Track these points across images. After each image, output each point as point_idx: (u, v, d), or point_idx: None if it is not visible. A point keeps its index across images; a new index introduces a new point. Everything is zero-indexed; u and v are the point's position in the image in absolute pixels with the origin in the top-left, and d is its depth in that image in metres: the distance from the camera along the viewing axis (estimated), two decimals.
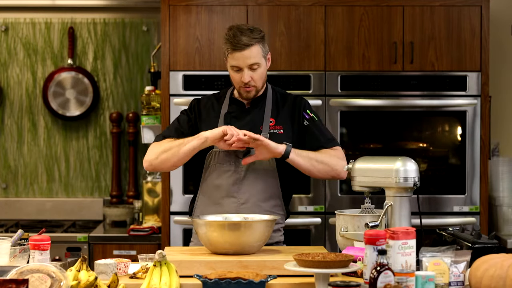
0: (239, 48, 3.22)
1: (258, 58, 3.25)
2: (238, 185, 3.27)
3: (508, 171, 4.65)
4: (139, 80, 5.26)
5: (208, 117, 3.36)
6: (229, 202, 3.27)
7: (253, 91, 3.31)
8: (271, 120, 3.33)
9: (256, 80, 3.28)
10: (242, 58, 3.23)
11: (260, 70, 3.28)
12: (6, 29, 5.25)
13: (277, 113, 3.36)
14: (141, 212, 4.90)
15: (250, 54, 3.23)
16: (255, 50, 3.24)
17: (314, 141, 3.33)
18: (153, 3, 5.08)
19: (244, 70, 3.25)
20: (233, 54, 3.24)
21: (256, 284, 2.52)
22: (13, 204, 5.24)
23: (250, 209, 3.23)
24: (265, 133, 3.29)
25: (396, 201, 2.93)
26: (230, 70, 3.30)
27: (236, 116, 3.35)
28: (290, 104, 3.39)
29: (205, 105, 3.42)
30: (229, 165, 3.28)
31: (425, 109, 4.50)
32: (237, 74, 3.28)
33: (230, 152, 3.27)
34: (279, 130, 3.32)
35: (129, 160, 5.19)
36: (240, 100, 3.38)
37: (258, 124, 3.32)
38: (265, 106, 3.36)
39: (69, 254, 4.53)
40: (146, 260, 2.82)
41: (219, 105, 3.39)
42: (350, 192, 3.80)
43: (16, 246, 2.86)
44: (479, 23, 4.48)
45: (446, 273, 2.55)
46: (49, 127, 5.27)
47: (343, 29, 4.47)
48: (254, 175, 3.27)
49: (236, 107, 3.38)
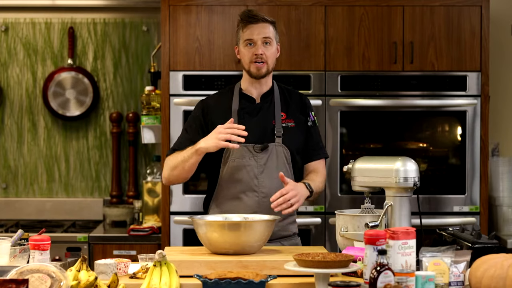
0: (254, 21, 3.33)
1: (271, 35, 3.35)
2: (257, 179, 3.33)
3: (508, 171, 4.65)
4: (139, 80, 5.26)
5: (220, 113, 3.38)
6: (250, 196, 3.32)
7: (264, 68, 3.35)
8: (282, 114, 3.40)
9: (268, 56, 3.34)
10: (257, 30, 3.33)
11: (272, 50, 3.36)
12: (6, 29, 5.25)
13: (287, 107, 3.42)
14: (141, 212, 4.90)
15: (264, 29, 3.33)
16: (269, 28, 3.35)
17: (311, 144, 3.46)
18: (153, 3, 5.08)
19: (257, 43, 3.32)
20: (248, 27, 3.34)
21: (256, 284, 2.52)
22: (13, 204, 5.24)
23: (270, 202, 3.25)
24: (278, 127, 3.36)
25: (396, 201, 2.93)
26: (243, 48, 3.36)
27: (249, 112, 3.40)
28: (298, 100, 3.47)
29: (214, 103, 3.46)
30: (248, 160, 3.33)
31: (425, 109, 4.50)
32: (249, 49, 3.34)
33: (248, 146, 3.32)
34: (290, 123, 3.40)
35: (129, 160, 5.19)
36: (250, 96, 3.42)
37: (270, 119, 3.39)
38: (274, 101, 3.41)
39: (69, 254, 4.53)
40: (146, 260, 2.82)
41: (228, 101, 3.42)
42: (350, 192, 3.79)
43: (16, 246, 2.86)
44: (479, 23, 4.48)
45: (446, 273, 2.55)
46: (49, 127, 5.27)
47: (343, 29, 4.47)
48: (271, 169, 3.33)
49: (247, 103, 3.42)
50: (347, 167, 3.10)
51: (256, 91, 3.42)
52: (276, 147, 3.34)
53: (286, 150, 3.35)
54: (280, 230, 3.32)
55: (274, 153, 3.34)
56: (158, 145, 5.06)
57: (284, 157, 3.35)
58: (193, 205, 4.41)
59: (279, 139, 3.34)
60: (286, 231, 3.38)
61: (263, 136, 3.35)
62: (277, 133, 3.35)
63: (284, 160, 3.35)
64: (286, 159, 3.36)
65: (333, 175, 4.44)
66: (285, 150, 3.35)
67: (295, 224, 3.45)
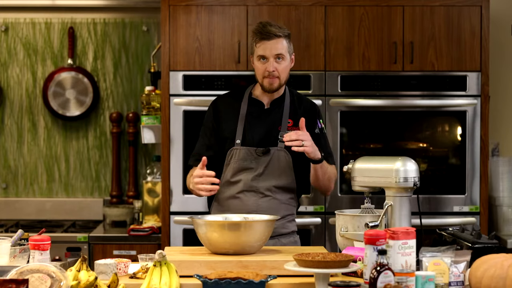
0: (267, 37, 3.35)
1: (284, 51, 3.37)
2: (257, 180, 3.38)
3: (508, 171, 4.65)
4: (139, 80, 5.25)
5: (228, 116, 3.47)
6: (249, 195, 3.38)
7: (276, 83, 3.39)
8: (289, 121, 3.44)
9: (280, 72, 3.38)
10: (270, 47, 3.35)
11: (285, 64, 3.39)
12: (6, 29, 5.25)
13: (295, 114, 3.46)
14: (141, 212, 4.90)
15: (277, 45, 3.35)
16: (282, 43, 3.37)
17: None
18: (153, 3, 5.07)
19: (270, 60, 3.35)
20: (261, 43, 3.36)
21: (256, 284, 2.52)
22: (13, 204, 5.24)
23: (268, 202, 3.36)
24: (283, 132, 3.39)
25: (396, 201, 2.93)
26: (256, 61, 3.40)
27: (257, 117, 3.45)
28: (307, 108, 3.50)
29: (224, 104, 3.52)
30: (250, 162, 3.39)
31: (425, 109, 4.49)
32: (262, 64, 3.38)
33: (251, 149, 3.39)
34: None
35: (129, 160, 5.19)
36: (259, 100, 3.48)
37: (277, 124, 3.43)
38: (283, 107, 3.46)
39: (69, 254, 4.53)
40: (146, 260, 2.82)
41: (238, 104, 3.48)
42: (350, 192, 3.80)
43: (16, 246, 2.86)
44: (479, 23, 4.48)
45: (446, 273, 2.55)
46: (49, 127, 5.26)
47: (343, 29, 4.47)
48: (272, 171, 3.39)
49: (256, 108, 3.47)
50: (347, 167, 3.10)
51: (267, 98, 3.48)
52: (278, 151, 3.39)
53: (288, 155, 3.39)
54: (278, 228, 3.34)
55: (275, 157, 3.39)
56: (158, 145, 5.06)
57: (286, 162, 3.40)
58: (193, 205, 4.41)
59: (281, 144, 3.36)
60: (285, 228, 3.42)
61: (266, 140, 3.41)
62: (280, 138, 3.38)
63: (286, 164, 3.40)
64: (288, 164, 3.40)
65: None
66: (287, 155, 3.39)
67: (294, 222, 3.49)
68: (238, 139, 3.41)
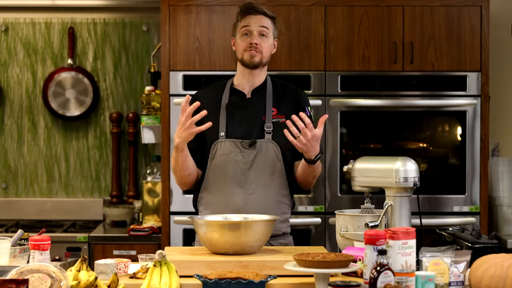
0: (253, 12, 3.33)
1: (268, 27, 3.33)
2: (245, 175, 3.27)
3: (508, 171, 4.65)
4: (139, 80, 5.26)
5: (209, 108, 3.29)
6: (237, 193, 3.26)
7: (257, 57, 3.31)
8: (273, 109, 3.34)
9: (263, 48, 3.32)
10: (255, 20, 3.32)
11: (268, 42, 3.33)
12: (6, 29, 5.25)
13: (279, 102, 3.36)
14: (141, 212, 4.91)
15: (262, 20, 3.32)
16: (267, 21, 3.34)
17: None
18: (153, 3, 5.08)
19: (253, 33, 3.31)
20: (245, 18, 3.33)
21: (256, 284, 2.52)
22: (13, 204, 5.24)
23: (257, 200, 3.24)
24: (268, 122, 3.30)
25: (396, 201, 2.93)
26: (239, 37, 3.34)
27: (238, 107, 3.35)
28: (292, 95, 3.40)
29: (205, 97, 3.38)
30: (235, 155, 3.28)
31: (425, 109, 4.50)
32: (245, 38, 3.32)
33: (236, 142, 3.27)
34: (281, 119, 3.32)
35: (129, 160, 5.19)
36: (240, 91, 3.38)
37: (261, 114, 3.33)
38: (266, 96, 3.36)
39: (69, 254, 4.53)
40: (146, 260, 2.82)
41: (219, 96, 3.39)
42: (350, 192, 3.80)
43: (16, 246, 2.85)
44: (479, 23, 4.48)
45: (446, 273, 2.55)
46: (49, 127, 5.27)
47: (343, 29, 4.47)
48: (260, 165, 3.27)
49: (237, 98, 3.38)
50: (347, 167, 3.10)
51: (248, 84, 3.37)
52: (265, 143, 3.28)
53: (276, 147, 3.28)
54: None
55: (263, 149, 3.27)
56: (158, 145, 5.06)
57: (274, 153, 3.28)
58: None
59: (268, 135, 3.27)
60: (276, 230, 3.23)
61: (251, 131, 3.30)
62: (266, 129, 3.29)
63: (274, 156, 3.28)
64: (277, 156, 3.28)
65: (333, 175, 4.44)
66: (275, 147, 3.28)
67: (287, 222, 3.37)
68: (222, 132, 3.29)
